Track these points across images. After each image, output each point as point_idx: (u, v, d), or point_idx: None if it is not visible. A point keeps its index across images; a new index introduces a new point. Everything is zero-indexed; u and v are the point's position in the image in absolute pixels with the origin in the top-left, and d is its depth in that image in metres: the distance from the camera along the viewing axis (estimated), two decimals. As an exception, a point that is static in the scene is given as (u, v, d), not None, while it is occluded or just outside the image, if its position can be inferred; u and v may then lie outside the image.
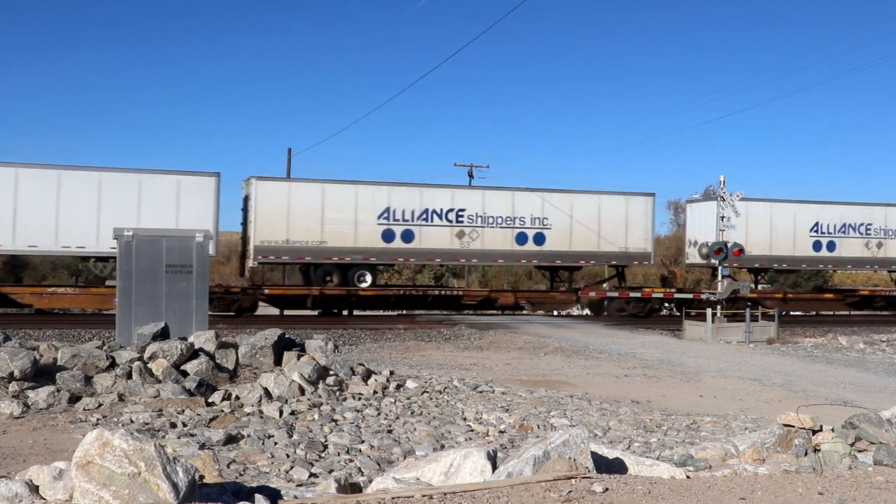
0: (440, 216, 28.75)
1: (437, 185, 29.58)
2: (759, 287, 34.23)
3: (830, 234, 32.82)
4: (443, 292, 31.28)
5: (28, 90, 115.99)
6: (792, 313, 33.56)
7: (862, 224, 33.11)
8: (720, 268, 26.17)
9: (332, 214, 27.57)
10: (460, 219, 28.93)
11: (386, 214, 28.14)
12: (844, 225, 32.87)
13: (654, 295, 30.58)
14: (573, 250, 30.17)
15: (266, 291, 28.41)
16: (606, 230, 30.25)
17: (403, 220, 28.31)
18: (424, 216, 28.54)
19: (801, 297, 35.45)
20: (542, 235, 29.77)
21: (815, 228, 32.61)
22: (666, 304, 31.53)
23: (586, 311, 32.57)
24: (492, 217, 29.23)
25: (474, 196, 29.65)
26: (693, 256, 32.24)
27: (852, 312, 34.21)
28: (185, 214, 25.51)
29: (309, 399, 10.13)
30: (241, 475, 6.88)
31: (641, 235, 30.77)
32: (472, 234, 29.09)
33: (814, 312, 33.85)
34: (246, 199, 27.88)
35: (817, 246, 32.59)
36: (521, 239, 29.57)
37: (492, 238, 29.20)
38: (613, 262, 31.56)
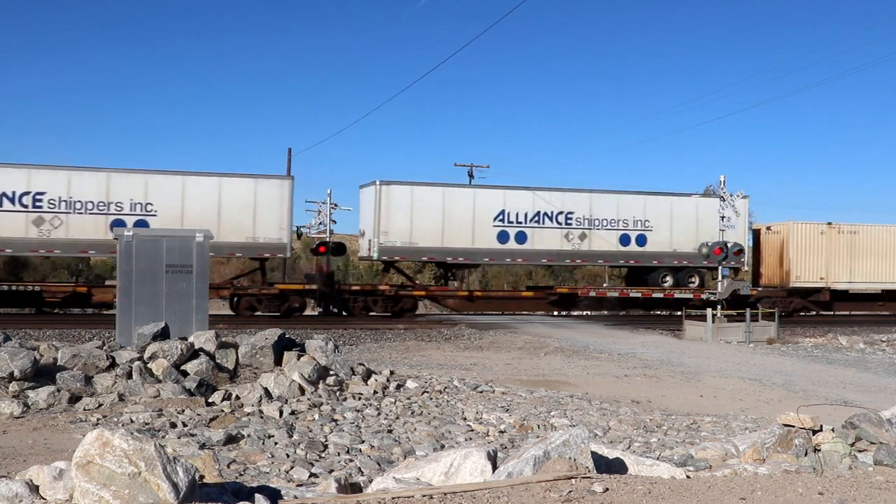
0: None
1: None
2: (451, 284, 31.62)
3: (521, 223, 28.77)
4: None
5: (28, 90, 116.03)
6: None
7: (561, 213, 29.22)
8: (720, 268, 26.19)
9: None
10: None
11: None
12: (539, 214, 28.99)
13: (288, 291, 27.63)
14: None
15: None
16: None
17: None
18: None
19: (493, 294, 32.56)
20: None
21: (501, 217, 28.69)
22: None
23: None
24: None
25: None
26: (364, 249, 29.25)
27: (841, 313, 33.95)
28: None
29: (309, 399, 10.14)
30: (241, 475, 6.88)
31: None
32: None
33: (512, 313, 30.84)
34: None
35: (503, 237, 28.60)
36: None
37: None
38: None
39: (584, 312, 32.36)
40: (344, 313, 28.09)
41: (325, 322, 25.69)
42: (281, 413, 9.35)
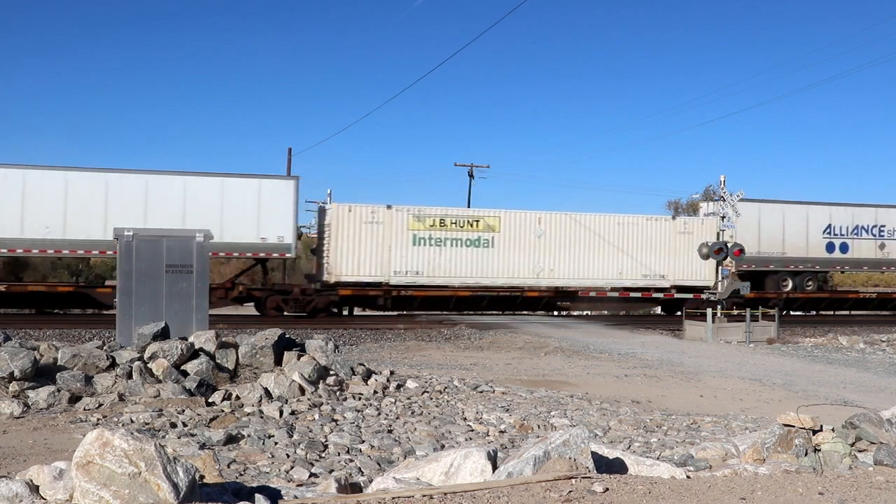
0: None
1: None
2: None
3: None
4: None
5: (29, 90, 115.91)
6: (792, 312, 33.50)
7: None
8: (720, 268, 26.17)
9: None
10: (881, 233, 32.57)
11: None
12: None
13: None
14: None
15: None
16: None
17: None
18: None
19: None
20: None
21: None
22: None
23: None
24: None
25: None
26: None
27: (852, 313, 34.02)
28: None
29: (309, 399, 10.13)
30: (241, 475, 6.88)
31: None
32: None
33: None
34: None
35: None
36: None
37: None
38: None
39: (585, 312, 32.38)
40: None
41: (325, 322, 25.70)
42: (281, 413, 9.35)
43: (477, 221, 28.25)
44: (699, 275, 30.00)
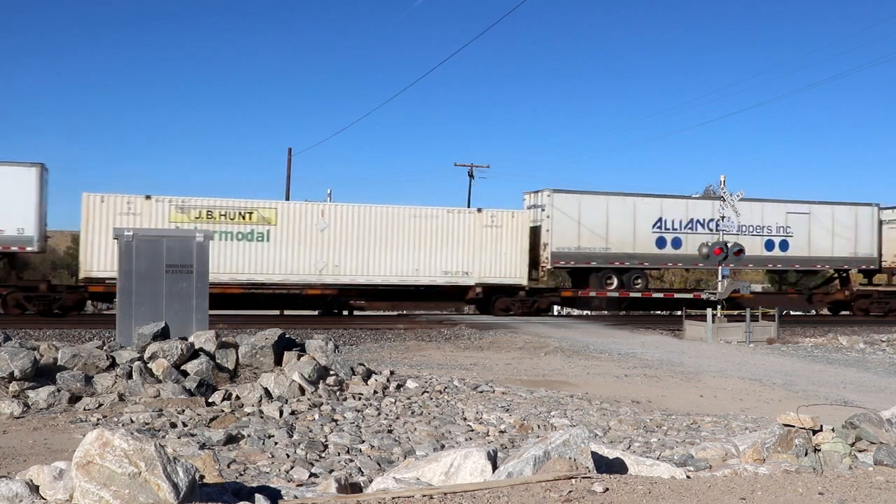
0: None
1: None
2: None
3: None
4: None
5: (29, 90, 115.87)
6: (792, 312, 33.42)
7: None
8: (720, 268, 26.16)
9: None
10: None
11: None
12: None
13: None
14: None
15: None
16: None
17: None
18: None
19: None
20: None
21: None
22: None
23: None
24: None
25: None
26: None
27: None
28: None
29: (309, 399, 10.14)
30: (241, 475, 6.88)
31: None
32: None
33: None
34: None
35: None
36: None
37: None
38: None
39: (585, 312, 32.39)
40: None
41: (325, 322, 25.70)
42: (281, 413, 9.35)
43: (250, 213, 26.53)
44: (510, 271, 28.38)
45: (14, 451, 7.49)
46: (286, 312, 28.61)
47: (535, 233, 29.52)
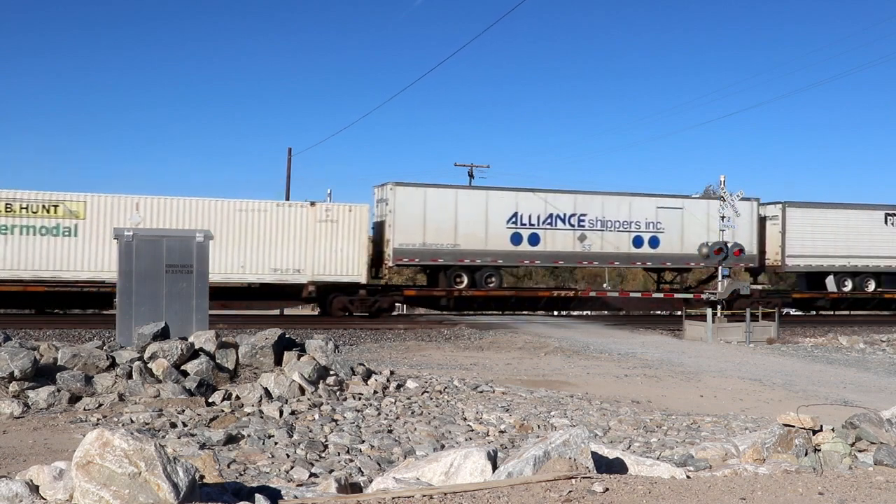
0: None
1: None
2: None
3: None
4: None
5: (29, 90, 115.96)
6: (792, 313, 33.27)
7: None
8: (720, 267, 26.17)
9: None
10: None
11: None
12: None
13: None
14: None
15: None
16: None
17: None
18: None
19: None
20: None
21: None
22: None
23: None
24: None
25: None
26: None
27: (851, 312, 33.83)
28: None
29: (309, 399, 10.13)
30: (241, 475, 6.87)
31: None
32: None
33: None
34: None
35: None
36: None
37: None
38: None
39: (585, 312, 32.38)
40: None
41: (325, 322, 25.70)
42: (281, 413, 9.34)
43: (56, 206, 24.54)
44: (347, 269, 26.71)
45: (14, 451, 7.49)
46: (286, 312, 28.69)
47: (380, 228, 28.24)
